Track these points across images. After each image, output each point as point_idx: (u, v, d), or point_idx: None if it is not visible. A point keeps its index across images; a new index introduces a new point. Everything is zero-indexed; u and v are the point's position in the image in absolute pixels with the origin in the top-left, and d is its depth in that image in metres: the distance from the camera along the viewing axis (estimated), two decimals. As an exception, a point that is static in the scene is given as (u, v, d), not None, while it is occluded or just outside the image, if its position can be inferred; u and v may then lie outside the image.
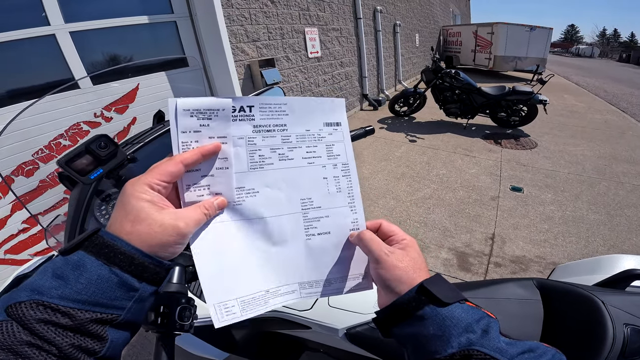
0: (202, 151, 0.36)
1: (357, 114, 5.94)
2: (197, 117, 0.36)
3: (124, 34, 2.92)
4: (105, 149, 0.67)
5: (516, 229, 2.47)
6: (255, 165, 0.39)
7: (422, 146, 4.28)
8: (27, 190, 2.04)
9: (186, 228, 0.34)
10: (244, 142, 0.39)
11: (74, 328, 0.27)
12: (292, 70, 4.17)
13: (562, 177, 3.31)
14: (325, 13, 4.72)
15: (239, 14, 3.37)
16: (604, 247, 2.26)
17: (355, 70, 5.84)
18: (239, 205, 0.39)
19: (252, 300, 0.38)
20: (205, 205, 0.36)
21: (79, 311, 0.27)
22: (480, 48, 11.53)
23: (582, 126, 5.15)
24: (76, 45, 2.53)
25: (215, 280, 0.37)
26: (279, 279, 0.40)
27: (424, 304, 0.33)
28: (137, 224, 0.32)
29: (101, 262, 0.29)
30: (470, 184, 3.18)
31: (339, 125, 0.44)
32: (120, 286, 0.30)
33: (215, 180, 0.38)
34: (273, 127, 0.40)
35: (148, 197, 0.33)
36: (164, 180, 0.34)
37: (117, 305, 0.30)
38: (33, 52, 2.35)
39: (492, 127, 4.98)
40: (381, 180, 3.34)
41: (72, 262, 0.29)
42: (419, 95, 5.32)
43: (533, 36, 10.65)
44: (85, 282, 0.28)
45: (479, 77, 10.39)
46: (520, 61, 10.91)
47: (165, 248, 0.33)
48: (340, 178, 0.43)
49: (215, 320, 0.36)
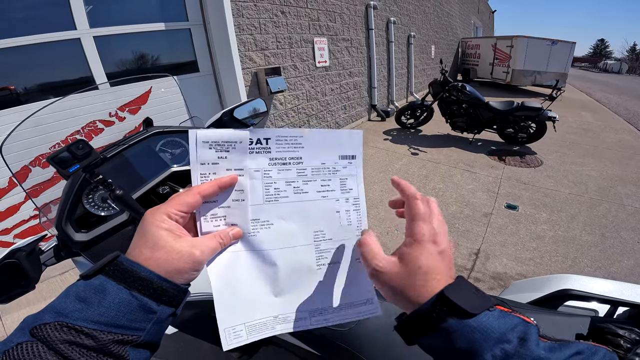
0: (220, 183, 0.38)
1: (364, 124, 6.00)
2: (215, 149, 0.38)
3: (142, 39, 3.12)
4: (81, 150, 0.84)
5: (503, 246, 2.48)
6: (271, 198, 0.40)
7: (424, 159, 4.30)
8: (42, 180, 2.22)
9: (202, 256, 0.35)
10: (260, 175, 0.40)
11: (97, 349, 0.28)
12: (298, 78, 4.30)
13: (562, 197, 3.27)
14: (335, 23, 4.84)
15: (248, 23, 3.52)
16: (591, 267, 2.24)
17: (364, 80, 5.92)
18: (253, 236, 0.40)
19: (259, 325, 0.40)
20: (221, 235, 0.38)
21: (101, 332, 0.29)
22: (499, 61, 11.34)
23: (593, 145, 5.03)
24: (98, 48, 2.73)
25: (227, 306, 0.38)
26: (289, 306, 0.42)
27: (446, 316, 0.30)
28: (155, 250, 0.34)
29: (122, 286, 0.31)
30: (465, 200, 3.19)
31: (354, 159, 0.44)
32: (140, 309, 0.31)
33: (231, 212, 0.39)
34: (289, 160, 0.41)
35: (166, 226, 0.35)
36: (181, 210, 0.36)
37: (137, 327, 0.31)
38: (60, 54, 2.57)
39: (498, 144, 4.93)
40: (376, 191, 3.40)
41: (94, 286, 0.31)
42: (426, 108, 5.32)
43: (554, 50, 10.36)
44: (107, 305, 0.30)
45: (495, 91, 10.27)
46: (540, 75, 10.64)
47: (181, 274, 0.34)
48: (351, 212, 0.44)
49: (224, 344, 0.38)
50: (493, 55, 11.51)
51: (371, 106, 6.30)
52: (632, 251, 2.43)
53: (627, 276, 2.18)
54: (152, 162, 1.00)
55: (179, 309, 0.36)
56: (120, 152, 0.96)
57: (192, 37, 3.43)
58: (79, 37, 2.62)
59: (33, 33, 2.37)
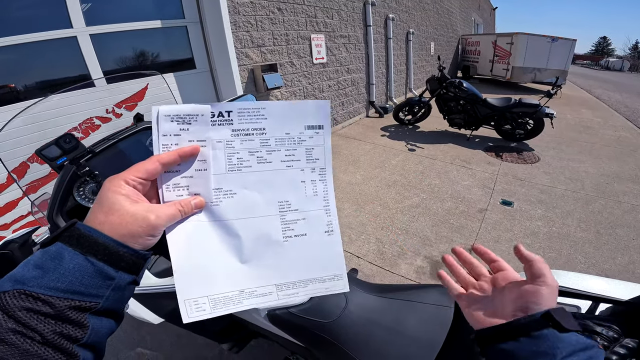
0: (180, 152, 0.38)
1: (362, 121, 6.00)
2: (177, 122, 0.39)
3: (139, 37, 3.13)
4: (69, 144, 0.87)
5: (497, 242, 2.49)
6: (234, 168, 0.41)
7: (420, 155, 4.31)
8: (40, 176, 2.25)
9: (157, 220, 0.35)
10: (223, 145, 0.40)
11: (55, 315, 0.28)
12: (295, 75, 4.30)
13: (558, 194, 3.28)
14: (333, 20, 4.83)
15: (245, 20, 3.52)
16: (584, 264, 2.25)
17: (362, 77, 5.91)
18: (216, 205, 0.40)
19: (224, 299, 0.39)
20: (182, 203, 0.38)
21: (57, 299, 0.29)
22: (499, 58, 11.32)
23: (592, 142, 5.02)
24: (95, 46, 2.75)
25: (188, 276, 0.38)
26: (255, 280, 0.41)
27: (545, 327, 0.37)
28: (110, 214, 0.33)
29: (77, 251, 0.31)
30: (461, 196, 3.20)
31: (320, 129, 0.44)
32: (96, 275, 0.31)
33: (194, 182, 0.40)
34: (252, 131, 0.41)
35: (123, 191, 0.35)
36: (139, 176, 0.36)
37: (94, 294, 0.31)
38: (57, 52, 2.59)
39: (496, 140, 4.93)
40: (372, 186, 3.40)
41: (50, 252, 0.31)
42: (424, 105, 5.32)
43: (554, 47, 10.33)
44: (62, 272, 0.30)
45: (495, 88, 10.24)
46: (540, 73, 10.61)
47: (135, 238, 0.34)
48: (317, 182, 0.44)
49: (183, 316, 0.37)
50: (493, 53, 11.49)
51: (369, 103, 6.30)
52: (626, 248, 2.43)
53: (621, 273, 2.18)
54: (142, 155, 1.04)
55: (139, 276, 0.36)
56: (109, 146, 0.98)
57: (189, 34, 3.45)
58: (75, 35, 2.63)
59: (30, 31, 2.39)
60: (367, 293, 0.88)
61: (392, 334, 0.78)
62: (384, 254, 2.35)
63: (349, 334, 0.80)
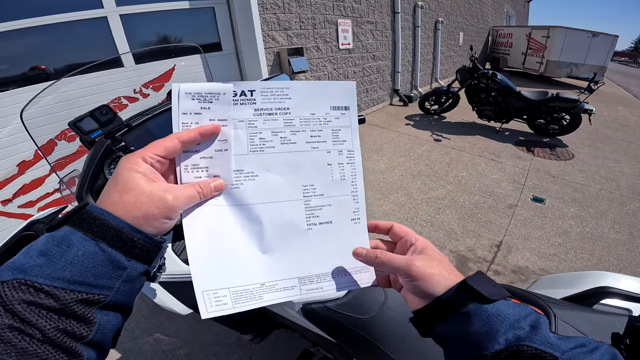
0: (200, 131, 0.36)
1: (385, 108, 5.87)
2: (198, 100, 0.36)
3: (166, 18, 3.13)
4: (105, 116, 0.82)
5: (527, 239, 2.37)
6: (256, 148, 0.38)
7: (446, 146, 4.16)
8: (68, 153, 2.30)
9: (174, 201, 0.32)
10: (245, 125, 0.38)
11: (59, 310, 0.25)
12: (321, 60, 4.22)
13: (592, 193, 3.09)
14: (361, 5, 4.69)
15: (272, 2, 3.46)
16: (617, 267, 2.12)
17: (388, 64, 5.75)
18: (236, 188, 0.38)
19: (245, 293, 0.36)
20: (201, 185, 0.35)
21: (63, 291, 0.26)
22: (532, 51, 10.80)
23: (628, 141, 4.71)
24: (124, 26, 2.76)
25: (206, 265, 0.35)
26: (276, 272, 0.38)
27: (467, 302, 0.32)
28: (124, 193, 0.30)
29: (87, 236, 0.28)
30: (489, 190, 3.07)
31: (347, 110, 0.42)
32: (107, 263, 0.28)
33: (213, 162, 0.37)
34: (275, 111, 0.39)
35: (140, 169, 0.32)
36: (158, 154, 0.33)
37: (104, 285, 0.28)
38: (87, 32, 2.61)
39: (527, 134, 4.71)
40: (396, 175, 3.32)
41: (57, 237, 0.28)
42: (452, 95, 5.15)
43: (594, 43, 9.77)
44: (70, 259, 0.27)
45: (526, 82, 9.82)
46: (577, 68, 10.09)
47: (150, 221, 0.31)
48: (345, 165, 0.42)
49: (202, 310, 0.34)
50: (527, 45, 10.98)
51: (394, 90, 6.15)
52: (662, 252, 2.28)
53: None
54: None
55: (152, 266, 0.32)
56: (144, 121, 0.94)
57: (216, 15, 3.42)
58: (105, 15, 2.64)
59: (61, 12, 2.40)
60: None
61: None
62: (408, 245, 2.29)
63: (386, 331, 0.76)
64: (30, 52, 2.37)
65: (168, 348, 1.61)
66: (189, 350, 1.59)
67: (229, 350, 1.58)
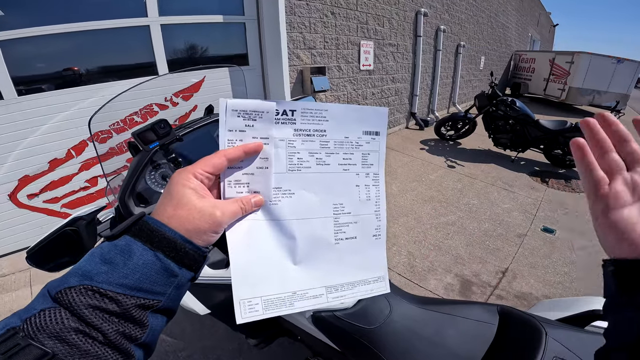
0: (245, 149, 0.38)
1: (401, 132, 5.94)
2: (243, 117, 0.39)
3: (201, 29, 3.32)
4: (163, 129, 0.93)
5: (533, 267, 2.39)
6: (294, 168, 0.41)
7: (460, 173, 4.20)
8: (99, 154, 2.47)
9: (222, 217, 0.35)
10: (285, 144, 0.40)
11: (120, 314, 0.28)
12: (342, 80, 4.36)
13: (607, 229, 3.07)
14: (384, 28, 4.84)
15: (299, 21, 3.63)
16: None
17: (406, 87, 5.85)
18: (274, 204, 0.40)
19: (276, 300, 0.39)
20: (243, 201, 0.38)
21: (124, 297, 0.28)
22: (555, 77, 10.60)
23: (650, 178, 4.63)
24: (163, 36, 2.94)
25: (244, 276, 0.38)
26: (307, 281, 0.41)
27: None
28: (178, 208, 0.33)
29: (147, 247, 0.30)
30: (499, 218, 3.09)
31: (377, 135, 0.45)
32: (162, 272, 0.31)
33: (254, 179, 0.40)
34: (313, 132, 0.42)
35: (192, 185, 0.34)
36: (207, 170, 0.36)
37: (158, 291, 0.30)
38: (128, 39, 2.79)
39: (543, 164, 4.67)
40: (408, 199, 3.38)
41: (119, 247, 0.30)
42: (469, 121, 5.16)
43: (618, 69, 9.40)
44: (132, 267, 0.29)
45: (547, 109, 9.68)
46: (599, 95, 9.76)
47: (200, 234, 0.33)
48: (371, 187, 0.45)
49: (237, 316, 0.37)
50: (549, 71, 10.78)
51: (410, 114, 6.21)
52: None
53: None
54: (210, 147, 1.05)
55: (197, 274, 0.35)
56: (188, 133, 1.05)
57: (246, 31, 3.59)
58: (148, 24, 2.82)
59: (107, 18, 2.57)
60: (410, 303, 0.89)
61: (432, 346, 0.79)
62: (414, 268, 2.34)
63: (390, 342, 0.81)
64: (69, 53, 2.52)
65: (170, 349, 1.66)
66: (190, 352, 1.65)
67: (230, 355, 1.64)
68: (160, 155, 0.98)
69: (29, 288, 2.14)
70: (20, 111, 2.31)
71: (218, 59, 3.56)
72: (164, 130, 0.89)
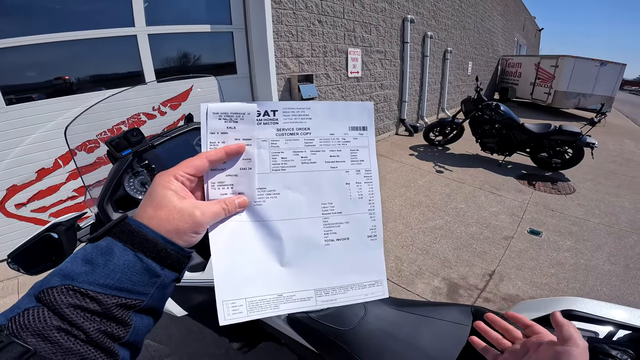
0: (227, 150, 0.38)
1: (391, 138, 6.00)
2: (224, 119, 0.39)
3: (188, 39, 3.34)
4: (136, 137, 0.96)
5: (520, 269, 2.42)
6: (278, 167, 0.40)
7: (448, 178, 4.25)
8: (85, 164, 2.46)
9: (202, 217, 0.35)
10: (268, 145, 0.40)
11: (101, 313, 0.28)
12: (330, 87, 4.41)
13: (590, 227, 3.13)
14: (371, 35, 4.92)
15: (287, 30, 3.67)
16: (609, 296, 2.16)
17: (395, 93, 5.93)
18: (259, 205, 0.40)
19: (261, 302, 0.39)
20: (226, 202, 0.38)
21: (105, 296, 0.28)
22: (541, 81, 10.81)
23: (632, 176, 4.72)
24: (150, 45, 2.96)
25: (227, 277, 0.38)
26: (294, 284, 0.40)
27: None
28: (159, 209, 0.34)
29: (127, 247, 0.31)
30: (486, 222, 3.13)
31: (365, 130, 0.44)
32: (144, 272, 0.31)
33: (238, 180, 0.40)
34: (296, 131, 0.41)
35: (172, 187, 0.35)
36: (188, 172, 0.36)
37: (140, 291, 0.31)
38: (116, 49, 2.81)
39: (530, 168, 4.76)
40: (396, 205, 3.41)
41: (101, 247, 0.31)
42: (456, 126, 5.24)
43: (602, 72, 9.61)
44: (112, 267, 0.30)
45: (534, 113, 9.86)
46: (584, 98, 9.95)
47: (180, 235, 0.34)
48: (363, 184, 0.43)
49: (220, 318, 0.37)
50: (535, 75, 10.99)
51: (400, 120, 6.29)
52: (656, 284, 2.31)
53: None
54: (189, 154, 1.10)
55: (181, 274, 0.36)
56: (164, 142, 1.07)
57: (234, 40, 3.62)
58: (136, 34, 2.84)
59: (94, 27, 2.59)
60: (385, 305, 0.91)
61: (406, 347, 0.80)
62: (402, 272, 2.36)
63: (364, 343, 0.82)
64: (59, 62, 2.54)
65: (156, 354, 1.66)
66: (176, 358, 1.65)
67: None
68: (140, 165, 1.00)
69: (17, 295, 2.13)
70: (8, 121, 2.31)
71: (205, 68, 3.58)
72: (136, 139, 0.92)
